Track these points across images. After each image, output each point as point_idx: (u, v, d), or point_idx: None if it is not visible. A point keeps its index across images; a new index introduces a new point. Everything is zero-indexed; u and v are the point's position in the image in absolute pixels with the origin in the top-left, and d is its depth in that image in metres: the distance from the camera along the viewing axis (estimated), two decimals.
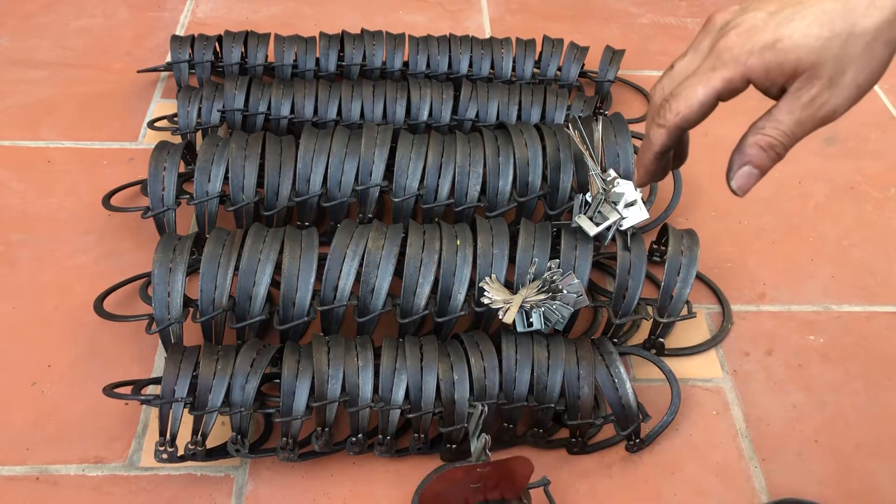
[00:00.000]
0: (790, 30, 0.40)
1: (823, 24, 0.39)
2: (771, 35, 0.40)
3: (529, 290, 0.79)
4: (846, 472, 0.81)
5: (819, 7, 0.39)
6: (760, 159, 0.44)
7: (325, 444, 0.76)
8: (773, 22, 0.40)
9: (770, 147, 0.43)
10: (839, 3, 0.39)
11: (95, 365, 0.87)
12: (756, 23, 0.41)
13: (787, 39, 0.40)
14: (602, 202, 0.85)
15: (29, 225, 1.01)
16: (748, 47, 0.41)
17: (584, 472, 0.80)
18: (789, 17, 0.40)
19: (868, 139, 1.20)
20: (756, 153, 0.44)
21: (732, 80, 0.42)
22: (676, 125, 0.45)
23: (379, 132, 0.96)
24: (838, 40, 0.38)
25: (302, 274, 0.81)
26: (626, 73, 1.29)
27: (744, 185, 0.45)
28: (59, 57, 1.27)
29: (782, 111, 0.42)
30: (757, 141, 0.43)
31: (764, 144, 0.43)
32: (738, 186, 0.45)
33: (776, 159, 0.43)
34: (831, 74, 0.39)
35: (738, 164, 0.44)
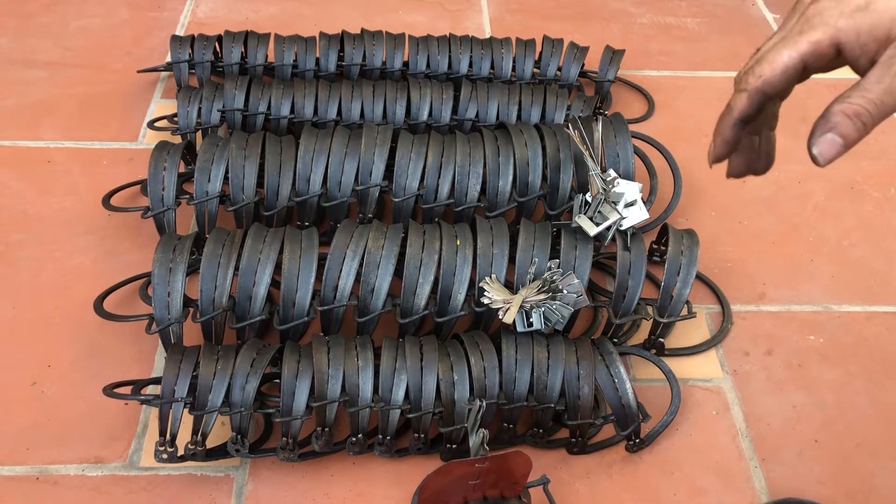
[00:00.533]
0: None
1: None
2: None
3: (529, 290, 0.79)
4: (846, 472, 0.81)
5: None
6: (846, 127, 0.41)
7: (325, 444, 0.76)
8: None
9: (857, 115, 0.41)
10: None
11: (95, 365, 0.87)
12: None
13: (882, 2, 0.38)
14: (602, 202, 0.85)
15: (29, 225, 1.01)
16: (840, 9, 0.39)
17: (584, 472, 0.80)
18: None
19: (868, 139, 1.19)
20: (841, 120, 0.41)
21: (821, 43, 0.40)
22: (758, 89, 0.43)
23: (379, 132, 0.96)
24: None
25: (302, 274, 0.81)
26: (626, 73, 1.29)
27: (825, 151, 0.42)
28: (59, 57, 1.27)
29: (871, 79, 0.40)
30: (843, 109, 0.41)
31: (850, 112, 0.41)
32: (819, 153, 0.42)
33: (862, 130, 0.41)
34: None
35: (821, 131, 0.42)
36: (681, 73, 1.31)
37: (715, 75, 1.31)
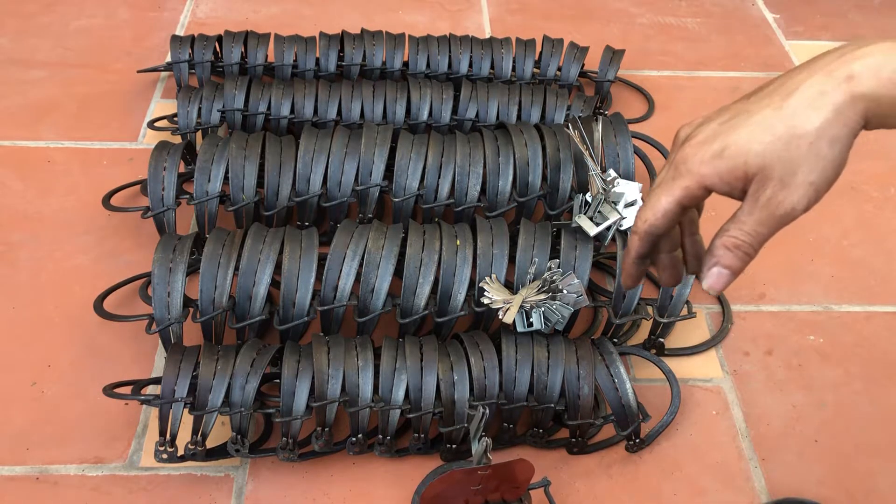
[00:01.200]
0: (736, 136, 0.42)
1: (766, 129, 0.41)
2: (719, 144, 0.43)
3: (529, 290, 0.79)
4: (846, 472, 0.81)
5: (762, 114, 0.42)
6: (729, 259, 0.46)
7: (325, 444, 0.76)
8: (721, 131, 0.43)
9: (736, 247, 0.45)
10: (780, 108, 0.41)
11: (95, 365, 0.87)
12: (708, 134, 0.44)
13: (734, 146, 0.42)
14: (602, 202, 0.85)
15: (29, 225, 1.01)
16: (700, 157, 0.43)
17: (584, 472, 0.80)
18: (735, 125, 0.42)
19: (868, 139, 1.19)
20: (723, 254, 0.46)
21: (690, 188, 0.44)
22: (646, 231, 0.48)
23: (379, 132, 0.96)
24: (781, 143, 0.41)
25: (302, 274, 0.81)
26: (626, 73, 1.29)
27: (714, 284, 0.47)
28: (59, 57, 1.27)
29: (744, 212, 0.44)
30: (724, 242, 0.45)
31: (730, 245, 0.45)
32: (709, 286, 0.48)
33: (745, 259, 0.45)
34: (781, 175, 0.42)
35: (708, 266, 0.47)
36: (680, 73, 1.31)
37: (715, 75, 1.31)
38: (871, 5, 1.49)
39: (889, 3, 1.49)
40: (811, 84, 0.41)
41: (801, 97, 0.41)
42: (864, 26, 1.43)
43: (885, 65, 0.40)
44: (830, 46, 0.96)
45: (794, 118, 0.41)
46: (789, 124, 0.41)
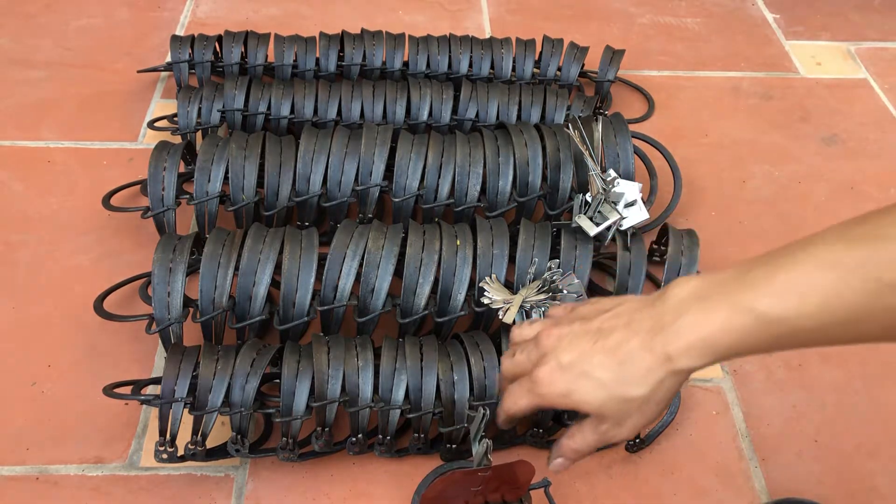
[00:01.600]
0: (578, 387, 0.51)
1: (603, 389, 0.50)
2: (565, 386, 0.52)
3: (529, 290, 0.79)
4: (846, 472, 0.81)
5: (600, 374, 0.51)
6: (570, 455, 0.57)
7: (325, 444, 0.76)
8: (569, 375, 0.52)
9: (574, 451, 0.57)
10: (616, 372, 0.50)
11: (95, 365, 0.87)
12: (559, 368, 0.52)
13: (576, 394, 0.52)
14: (602, 202, 0.85)
15: (29, 225, 1.01)
16: (550, 389, 0.53)
17: (584, 472, 0.80)
18: (580, 375, 0.51)
19: (868, 139, 1.20)
20: (566, 451, 0.57)
21: (543, 406, 0.55)
22: (506, 420, 0.59)
23: (379, 132, 0.96)
24: (614, 402, 0.51)
25: (302, 274, 0.81)
26: (626, 73, 1.29)
27: (556, 468, 0.59)
28: (59, 57, 1.27)
29: (585, 428, 0.55)
30: (567, 443, 0.57)
31: (572, 445, 0.57)
32: (553, 469, 0.59)
33: (582, 456, 0.57)
34: (615, 420, 0.52)
35: (555, 455, 0.58)
36: (681, 73, 1.31)
37: (715, 75, 1.31)
38: (871, 5, 1.49)
39: (889, 3, 1.49)
40: (639, 359, 0.49)
41: (631, 369, 0.50)
42: (865, 26, 1.43)
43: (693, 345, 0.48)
44: (830, 46, 0.96)
45: (625, 386, 0.50)
46: (623, 390, 0.50)
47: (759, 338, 0.46)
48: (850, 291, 0.43)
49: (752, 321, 0.45)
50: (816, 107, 1.25)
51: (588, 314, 0.54)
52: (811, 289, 0.44)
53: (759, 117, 1.23)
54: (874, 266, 0.43)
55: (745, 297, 0.46)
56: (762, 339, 0.46)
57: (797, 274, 0.44)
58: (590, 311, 0.54)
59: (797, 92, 1.28)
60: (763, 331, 0.45)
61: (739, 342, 0.46)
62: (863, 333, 0.45)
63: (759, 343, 0.46)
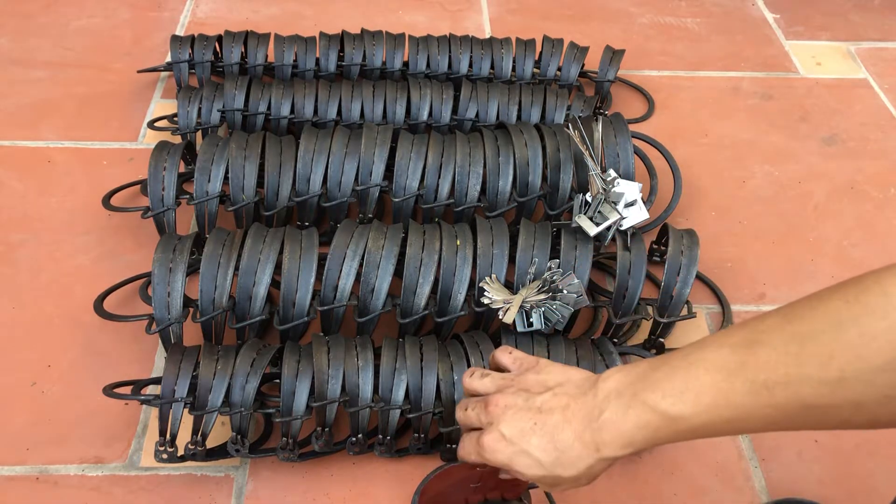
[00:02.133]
0: (519, 461, 0.57)
1: (540, 467, 0.56)
2: (507, 458, 0.57)
3: (529, 290, 0.79)
4: (846, 472, 0.81)
5: (538, 454, 0.56)
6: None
7: (325, 444, 0.76)
8: (510, 448, 0.57)
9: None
10: (552, 455, 0.56)
11: (95, 365, 0.87)
12: (502, 439, 0.58)
13: (517, 466, 0.57)
14: (602, 202, 0.85)
15: (29, 225, 1.01)
16: (494, 457, 0.58)
17: None
18: (520, 452, 0.57)
19: (868, 139, 1.20)
20: None
21: (487, 466, 0.60)
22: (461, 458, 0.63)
23: (379, 132, 0.96)
24: (549, 478, 0.57)
25: (302, 274, 0.81)
26: (626, 73, 1.29)
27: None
28: (59, 57, 1.27)
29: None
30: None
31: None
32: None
33: None
34: (550, 485, 0.58)
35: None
36: (680, 73, 1.31)
37: (715, 75, 1.31)
38: (871, 5, 1.49)
39: (889, 3, 1.49)
40: (573, 449, 0.55)
41: (565, 455, 0.55)
42: (864, 26, 1.43)
43: (617, 438, 0.54)
44: (830, 46, 0.95)
45: (559, 468, 0.56)
46: (555, 472, 0.56)
47: (665, 433, 0.52)
48: (734, 392, 0.48)
49: (658, 419, 0.52)
50: (816, 107, 1.25)
51: (533, 387, 0.60)
52: (703, 389, 0.50)
53: (759, 117, 1.23)
54: (751, 368, 0.48)
55: (652, 396, 0.52)
56: (668, 433, 0.52)
57: (691, 376, 0.50)
58: (535, 384, 0.60)
59: (797, 92, 1.28)
60: (668, 427, 0.52)
61: (652, 436, 0.53)
62: (749, 427, 0.50)
63: (668, 436, 0.52)
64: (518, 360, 0.64)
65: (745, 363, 0.48)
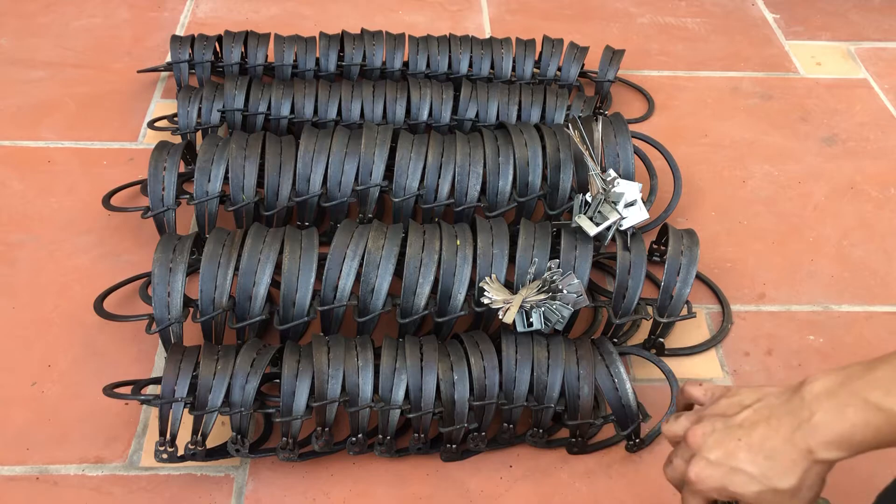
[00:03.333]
0: (732, 481, 0.55)
1: (755, 482, 0.54)
2: (719, 482, 0.55)
3: (529, 290, 0.79)
4: (846, 472, 0.81)
5: (750, 468, 0.54)
6: None
7: (325, 444, 0.76)
8: (719, 471, 0.55)
9: None
10: (764, 466, 0.54)
11: (95, 365, 0.87)
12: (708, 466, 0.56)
13: (732, 486, 0.55)
14: (602, 202, 0.85)
15: (29, 225, 1.01)
16: (705, 486, 0.56)
17: (584, 472, 0.80)
18: (730, 471, 0.55)
19: (868, 139, 1.20)
20: None
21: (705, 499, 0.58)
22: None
23: (379, 132, 0.96)
24: (769, 493, 0.54)
25: (302, 274, 0.81)
26: (626, 73, 1.29)
27: None
28: (59, 57, 1.27)
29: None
30: None
31: None
32: None
33: None
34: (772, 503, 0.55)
35: None
36: (680, 73, 1.31)
37: (715, 75, 1.30)
38: (871, 5, 1.49)
39: (889, 3, 1.49)
40: (783, 454, 0.53)
41: (778, 463, 0.54)
42: (864, 26, 1.43)
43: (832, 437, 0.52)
44: (830, 46, 0.96)
45: (774, 478, 0.54)
46: (772, 483, 0.54)
47: (885, 430, 0.50)
48: None
49: (882, 418, 0.50)
50: (816, 107, 1.25)
51: (729, 409, 0.58)
52: None
53: (759, 117, 1.23)
54: None
55: (875, 394, 0.51)
56: (889, 431, 0.50)
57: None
58: (730, 406, 0.58)
59: (797, 92, 1.28)
60: (891, 424, 0.50)
61: (873, 437, 0.51)
62: None
63: (890, 435, 0.51)
64: (708, 390, 0.63)
65: None
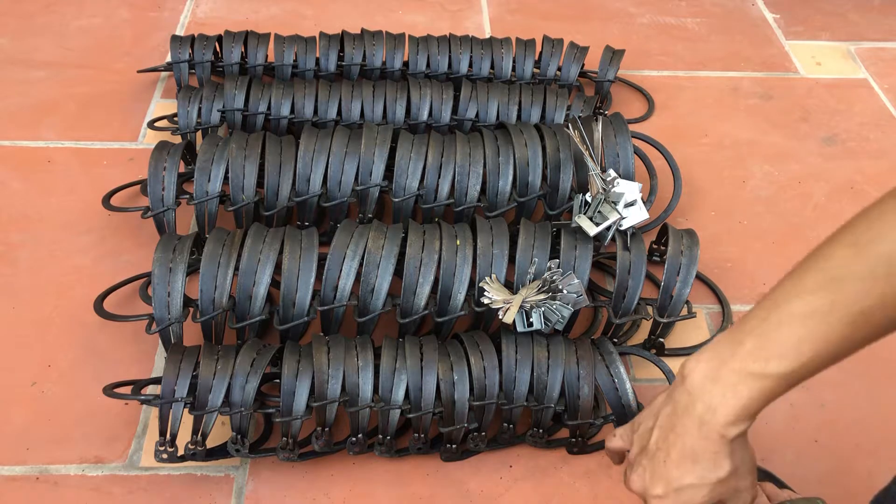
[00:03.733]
0: (686, 497, 0.57)
1: (702, 487, 0.56)
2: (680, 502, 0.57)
3: (529, 290, 0.79)
4: (846, 472, 0.81)
5: (689, 480, 0.56)
6: None
7: (325, 444, 0.76)
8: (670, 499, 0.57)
9: None
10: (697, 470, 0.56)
11: (95, 365, 0.87)
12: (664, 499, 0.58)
13: (692, 501, 0.57)
14: (602, 202, 0.85)
15: (29, 225, 1.01)
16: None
17: (584, 472, 0.80)
18: (677, 492, 0.57)
19: (868, 139, 1.20)
20: None
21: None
22: None
23: (379, 132, 0.96)
24: (717, 489, 0.56)
25: (302, 274, 0.81)
26: (626, 73, 1.29)
27: None
28: (59, 57, 1.27)
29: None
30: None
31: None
32: None
33: None
34: (732, 494, 0.58)
35: None
36: (680, 73, 1.31)
37: (715, 75, 1.30)
38: (870, 5, 1.48)
39: (889, 3, 1.49)
40: (704, 449, 0.55)
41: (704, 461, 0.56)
42: (864, 26, 1.43)
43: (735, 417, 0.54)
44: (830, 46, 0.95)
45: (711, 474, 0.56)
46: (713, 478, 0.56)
47: (776, 391, 0.54)
48: (832, 332, 0.51)
49: (770, 383, 0.53)
50: (816, 107, 1.25)
51: (643, 441, 0.61)
52: (803, 340, 0.51)
53: (759, 117, 1.23)
54: (843, 304, 0.50)
55: (756, 365, 0.53)
56: (779, 390, 0.54)
57: (786, 333, 0.52)
58: (642, 438, 0.61)
59: (797, 92, 1.28)
60: (779, 384, 0.53)
61: (767, 398, 0.54)
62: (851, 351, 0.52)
63: (781, 392, 0.54)
64: (623, 434, 0.65)
65: (836, 301, 0.50)
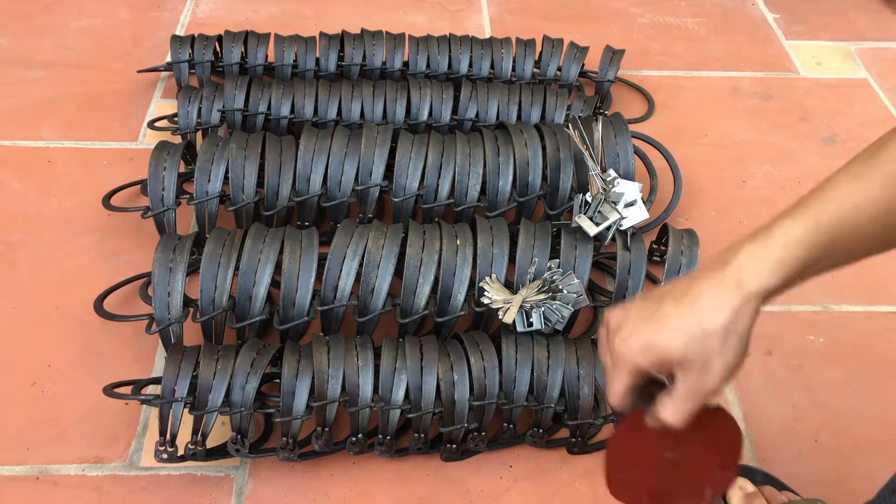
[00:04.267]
0: (656, 337, 0.51)
1: (682, 331, 0.50)
2: (644, 341, 0.51)
3: (529, 290, 0.79)
4: (846, 472, 0.81)
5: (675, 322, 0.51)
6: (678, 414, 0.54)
7: (325, 444, 0.76)
8: (644, 329, 0.52)
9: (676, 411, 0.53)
10: (691, 311, 0.50)
11: (95, 365, 0.87)
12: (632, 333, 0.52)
13: (657, 344, 0.51)
14: (602, 202, 0.85)
15: (29, 225, 1.01)
16: (630, 352, 0.52)
17: (584, 472, 0.80)
18: (656, 327, 0.51)
19: (868, 139, 1.19)
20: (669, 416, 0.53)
21: (633, 374, 0.53)
22: (616, 405, 0.55)
23: (379, 132, 0.96)
24: (695, 340, 0.50)
25: (302, 274, 0.81)
26: (626, 73, 1.29)
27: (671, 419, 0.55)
28: (59, 57, 1.27)
29: (677, 389, 0.53)
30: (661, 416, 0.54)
31: (667, 417, 0.53)
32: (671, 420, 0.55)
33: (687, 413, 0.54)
34: (701, 364, 0.51)
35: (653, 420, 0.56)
36: (680, 73, 1.31)
37: (715, 75, 1.30)
38: (871, 5, 1.48)
39: None
40: (711, 293, 0.50)
41: (706, 303, 0.50)
42: (864, 26, 1.43)
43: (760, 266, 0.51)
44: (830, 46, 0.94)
45: (703, 321, 0.50)
46: (701, 326, 0.50)
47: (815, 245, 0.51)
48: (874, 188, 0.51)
49: (812, 228, 0.51)
50: (816, 107, 1.25)
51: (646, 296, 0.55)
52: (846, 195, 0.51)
53: (759, 117, 1.23)
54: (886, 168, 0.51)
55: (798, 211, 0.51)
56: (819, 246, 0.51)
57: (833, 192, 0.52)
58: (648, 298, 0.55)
59: (797, 92, 1.28)
60: (820, 238, 0.50)
61: (805, 253, 0.51)
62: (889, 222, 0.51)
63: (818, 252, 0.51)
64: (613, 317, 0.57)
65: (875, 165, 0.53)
